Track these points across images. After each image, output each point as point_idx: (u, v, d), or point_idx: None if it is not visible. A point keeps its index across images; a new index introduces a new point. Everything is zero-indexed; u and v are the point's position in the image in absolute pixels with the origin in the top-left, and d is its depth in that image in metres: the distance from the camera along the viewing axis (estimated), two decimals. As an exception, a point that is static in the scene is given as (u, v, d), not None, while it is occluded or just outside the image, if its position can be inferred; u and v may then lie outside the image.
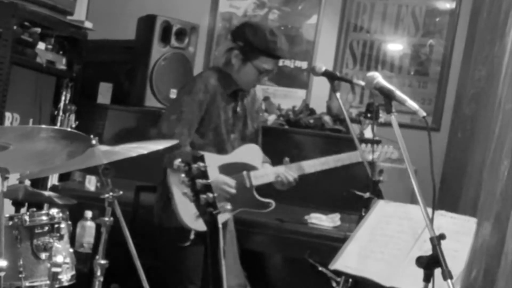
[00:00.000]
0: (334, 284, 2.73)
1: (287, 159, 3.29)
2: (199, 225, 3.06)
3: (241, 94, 3.34)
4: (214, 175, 3.12)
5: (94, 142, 2.65)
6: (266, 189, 3.31)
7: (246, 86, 3.32)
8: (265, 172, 3.29)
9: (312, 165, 3.29)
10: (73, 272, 2.74)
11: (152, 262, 3.02)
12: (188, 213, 3.08)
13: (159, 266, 3.22)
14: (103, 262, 2.72)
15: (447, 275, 1.86)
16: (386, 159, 3.27)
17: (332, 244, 3.28)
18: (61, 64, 4.20)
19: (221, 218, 3.23)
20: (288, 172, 3.26)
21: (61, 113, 4.20)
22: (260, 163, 3.33)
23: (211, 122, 3.23)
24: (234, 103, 3.32)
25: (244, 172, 3.24)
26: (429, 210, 2.00)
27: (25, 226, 2.59)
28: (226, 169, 3.19)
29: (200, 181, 1.99)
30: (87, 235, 3.60)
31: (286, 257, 3.79)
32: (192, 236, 3.13)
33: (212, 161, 3.16)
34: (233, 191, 3.14)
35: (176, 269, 3.23)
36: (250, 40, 3.19)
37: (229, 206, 3.15)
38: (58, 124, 4.17)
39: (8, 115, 3.85)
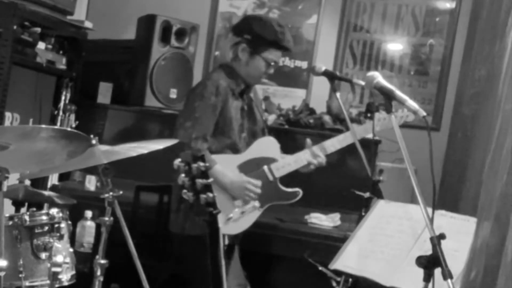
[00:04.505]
0: (334, 284, 2.72)
1: (309, 141, 3.21)
2: (230, 228, 3.02)
3: (247, 91, 3.30)
4: (238, 176, 3.09)
5: (94, 142, 2.65)
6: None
7: (253, 81, 3.27)
8: (286, 162, 3.20)
9: (331, 144, 3.21)
10: (73, 272, 2.74)
11: (175, 270, 2.93)
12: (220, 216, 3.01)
13: (182, 274, 3.16)
14: (103, 262, 2.71)
15: (447, 275, 1.86)
16: (403, 123, 3.12)
17: (332, 244, 3.28)
18: (61, 64, 4.20)
19: (252, 217, 3.15)
20: (316, 154, 3.18)
21: (61, 113, 4.20)
22: (278, 154, 3.23)
23: (225, 124, 3.16)
24: (242, 102, 3.27)
25: (265, 167, 3.17)
26: (429, 210, 2.00)
27: (25, 226, 2.59)
28: (245, 167, 3.13)
29: (200, 181, 1.98)
30: (87, 235, 3.61)
31: (286, 257, 3.79)
32: (227, 241, 3.06)
33: (230, 162, 3.12)
34: (259, 190, 3.08)
35: (201, 276, 3.15)
36: (259, 33, 3.16)
37: (257, 204, 3.13)
38: (58, 124, 4.17)
39: (8, 115, 3.85)
